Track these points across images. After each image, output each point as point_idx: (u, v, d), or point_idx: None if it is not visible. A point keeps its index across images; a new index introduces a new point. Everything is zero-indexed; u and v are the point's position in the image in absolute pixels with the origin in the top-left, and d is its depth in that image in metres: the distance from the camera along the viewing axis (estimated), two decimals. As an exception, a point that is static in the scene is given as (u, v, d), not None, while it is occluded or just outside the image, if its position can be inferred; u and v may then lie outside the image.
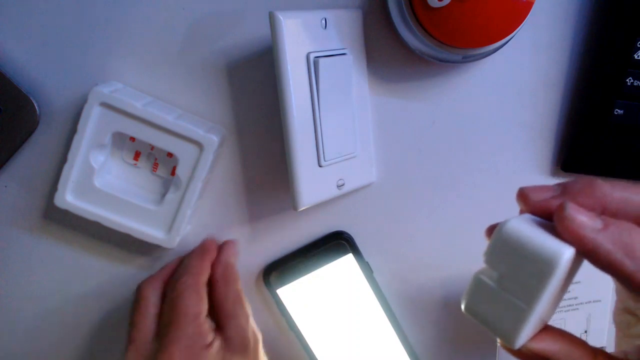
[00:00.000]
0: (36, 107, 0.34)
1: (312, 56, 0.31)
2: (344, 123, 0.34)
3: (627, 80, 0.34)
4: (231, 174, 0.38)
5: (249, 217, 0.39)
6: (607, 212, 0.21)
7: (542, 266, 0.18)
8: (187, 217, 0.35)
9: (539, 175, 0.38)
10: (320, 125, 0.32)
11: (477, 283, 0.20)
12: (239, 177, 0.37)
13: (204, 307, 0.34)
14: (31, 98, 0.34)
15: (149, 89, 0.35)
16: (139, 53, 0.35)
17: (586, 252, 0.19)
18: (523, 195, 0.22)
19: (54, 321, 0.41)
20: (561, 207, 0.20)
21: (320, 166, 0.33)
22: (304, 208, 0.33)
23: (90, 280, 0.40)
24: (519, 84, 0.36)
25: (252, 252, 0.39)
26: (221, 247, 0.38)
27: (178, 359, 0.31)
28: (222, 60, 0.35)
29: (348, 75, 0.33)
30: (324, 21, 0.32)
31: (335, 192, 0.35)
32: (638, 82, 0.34)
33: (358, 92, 0.35)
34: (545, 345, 0.21)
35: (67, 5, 0.34)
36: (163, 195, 0.35)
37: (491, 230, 0.22)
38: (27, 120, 0.35)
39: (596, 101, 0.35)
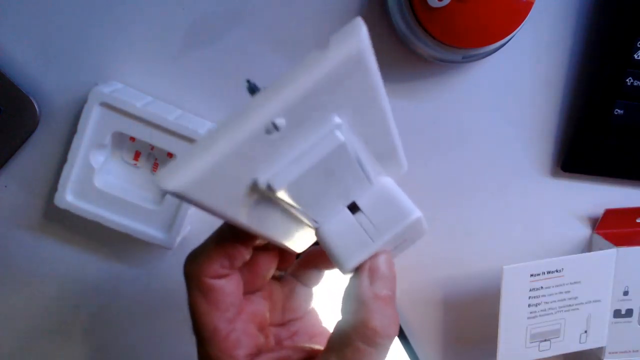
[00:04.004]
0: (36, 107, 0.34)
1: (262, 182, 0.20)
2: None
3: (627, 80, 0.34)
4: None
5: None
6: None
7: (400, 214, 0.23)
8: (187, 217, 0.35)
9: (539, 175, 0.38)
10: None
11: (344, 216, 0.24)
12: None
13: None
14: (31, 98, 0.34)
15: (149, 89, 0.35)
16: (139, 53, 0.35)
17: None
18: None
19: (54, 321, 0.41)
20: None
21: None
22: None
23: (90, 280, 0.40)
24: (519, 84, 0.36)
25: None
26: None
27: None
28: (222, 60, 0.35)
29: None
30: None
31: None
32: (638, 82, 0.34)
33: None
34: None
35: (67, 5, 0.34)
36: (163, 195, 0.35)
37: None
38: (27, 120, 0.35)
39: (596, 101, 0.35)
